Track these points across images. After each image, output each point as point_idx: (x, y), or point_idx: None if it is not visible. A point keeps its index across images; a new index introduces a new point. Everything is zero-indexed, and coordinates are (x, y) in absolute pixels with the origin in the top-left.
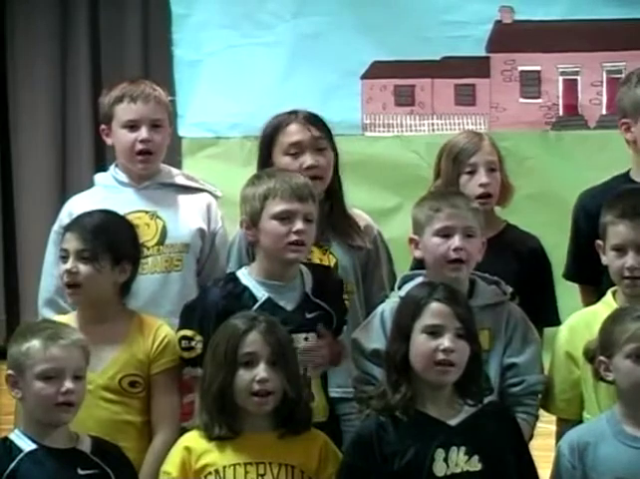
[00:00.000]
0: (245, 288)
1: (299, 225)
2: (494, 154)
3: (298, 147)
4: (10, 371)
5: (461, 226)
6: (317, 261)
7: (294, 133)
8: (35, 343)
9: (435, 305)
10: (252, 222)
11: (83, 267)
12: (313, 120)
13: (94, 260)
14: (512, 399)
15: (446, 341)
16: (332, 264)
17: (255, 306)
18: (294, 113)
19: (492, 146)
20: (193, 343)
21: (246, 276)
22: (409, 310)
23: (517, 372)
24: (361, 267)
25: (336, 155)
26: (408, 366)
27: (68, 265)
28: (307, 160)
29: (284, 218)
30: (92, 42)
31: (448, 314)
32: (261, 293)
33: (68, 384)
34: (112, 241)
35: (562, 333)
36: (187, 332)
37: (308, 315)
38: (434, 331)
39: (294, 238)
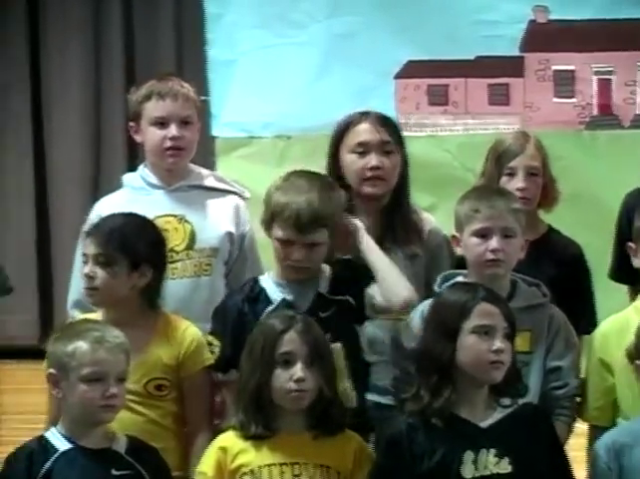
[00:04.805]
0: (262, 290)
1: (296, 254)
2: (537, 158)
3: (365, 146)
4: (52, 370)
5: (498, 227)
6: None
7: (363, 132)
8: (82, 345)
9: (484, 306)
10: (266, 226)
11: (99, 272)
12: (385, 122)
13: (109, 265)
14: (554, 402)
15: (498, 342)
16: None
17: (270, 308)
18: (366, 113)
19: (537, 149)
20: (212, 347)
21: (266, 279)
22: (455, 311)
23: (561, 376)
24: (425, 274)
25: (405, 161)
26: (452, 368)
27: (86, 270)
28: (372, 160)
29: (285, 242)
30: (125, 42)
31: (497, 314)
32: (276, 295)
33: (112, 389)
34: (127, 246)
35: (595, 340)
36: (209, 337)
37: (322, 314)
38: (484, 332)
39: (292, 263)
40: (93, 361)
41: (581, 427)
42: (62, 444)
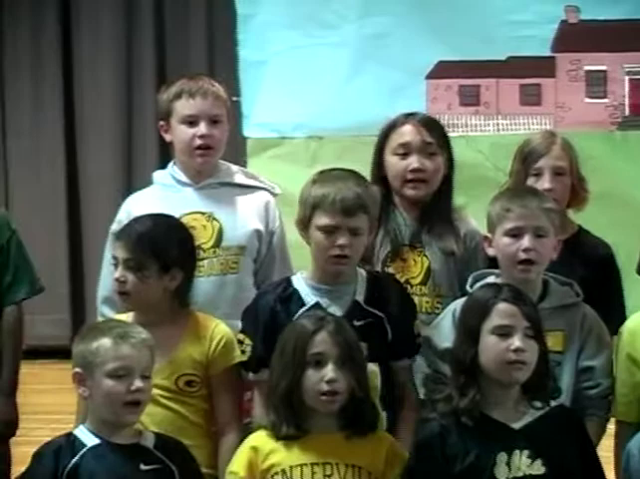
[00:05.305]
0: (295, 292)
1: (342, 240)
2: (564, 158)
3: (407, 148)
4: (77, 369)
5: (531, 226)
6: (412, 263)
7: (406, 133)
8: (105, 342)
9: (503, 306)
10: (303, 226)
11: (130, 276)
12: (429, 124)
13: (139, 270)
14: (587, 402)
15: (516, 341)
16: (424, 267)
17: (302, 311)
18: (412, 114)
19: (564, 149)
20: (244, 346)
21: (299, 280)
22: (476, 312)
23: (594, 376)
24: (457, 274)
25: (450, 162)
26: (476, 368)
27: (117, 274)
28: (413, 162)
29: (329, 231)
30: (157, 43)
31: (516, 314)
32: (310, 298)
33: (138, 383)
34: (157, 250)
35: (623, 336)
36: (240, 336)
37: (356, 323)
38: (503, 332)
39: (336, 252)
40: (116, 357)
41: (612, 428)
42: (90, 440)
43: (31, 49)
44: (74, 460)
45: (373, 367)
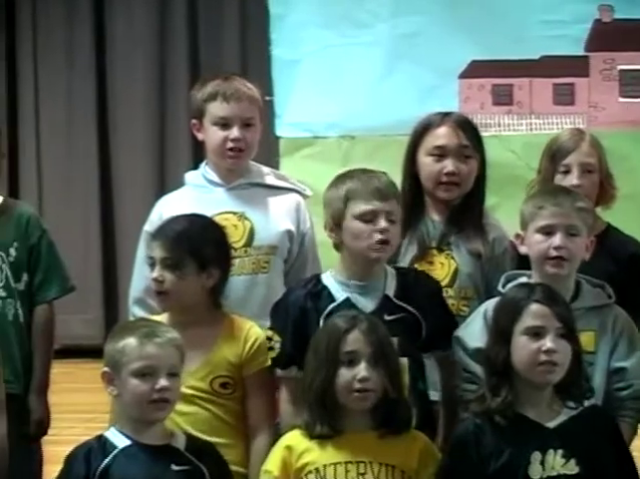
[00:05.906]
0: (324, 288)
1: (382, 224)
2: (593, 155)
3: (443, 150)
4: (106, 369)
5: (563, 224)
6: (439, 265)
7: (442, 136)
8: (131, 341)
9: (534, 307)
10: (335, 223)
11: (168, 276)
12: (465, 126)
13: (177, 268)
14: (619, 403)
15: (548, 342)
16: (451, 269)
17: (331, 306)
18: (448, 114)
19: (592, 146)
20: (272, 343)
21: (328, 277)
22: (508, 313)
23: (625, 376)
24: (484, 277)
25: (483, 163)
26: (509, 369)
27: (154, 274)
28: (448, 165)
29: (367, 219)
30: (190, 43)
31: (548, 315)
32: (340, 294)
33: (163, 382)
34: (195, 248)
35: None
36: (268, 332)
37: (387, 317)
38: (535, 333)
39: (378, 237)
40: (142, 356)
41: None
42: (121, 441)
43: (63, 50)
44: (105, 461)
45: (402, 362)
